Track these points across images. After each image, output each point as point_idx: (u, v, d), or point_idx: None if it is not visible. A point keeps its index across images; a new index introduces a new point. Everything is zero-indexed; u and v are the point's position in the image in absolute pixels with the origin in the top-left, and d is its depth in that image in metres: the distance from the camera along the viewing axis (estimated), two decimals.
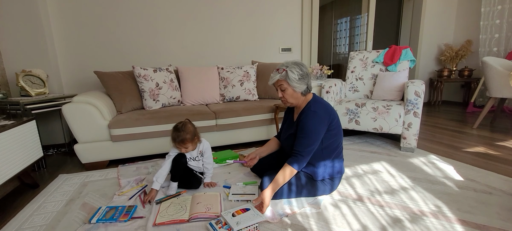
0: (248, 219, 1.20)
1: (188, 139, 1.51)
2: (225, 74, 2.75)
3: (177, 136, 1.50)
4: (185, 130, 1.51)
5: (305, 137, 1.36)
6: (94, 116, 1.98)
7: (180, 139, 1.49)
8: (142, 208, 1.42)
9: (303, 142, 1.36)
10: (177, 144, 1.52)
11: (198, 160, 1.60)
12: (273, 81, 1.41)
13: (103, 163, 2.09)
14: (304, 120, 1.38)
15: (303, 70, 1.38)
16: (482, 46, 3.80)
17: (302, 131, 1.37)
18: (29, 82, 2.24)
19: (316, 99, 1.46)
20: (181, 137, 1.49)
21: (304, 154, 1.36)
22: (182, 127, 1.52)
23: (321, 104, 1.42)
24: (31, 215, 1.40)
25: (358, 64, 2.80)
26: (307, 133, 1.35)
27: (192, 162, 1.60)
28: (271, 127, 2.51)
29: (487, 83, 2.76)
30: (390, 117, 2.15)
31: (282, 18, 3.44)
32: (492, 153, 2.10)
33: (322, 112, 1.38)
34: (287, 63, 1.39)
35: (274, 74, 1.40)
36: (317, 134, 1.36)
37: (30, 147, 1.73)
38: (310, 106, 1.41)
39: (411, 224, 1.21)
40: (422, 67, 4.40)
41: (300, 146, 1.37)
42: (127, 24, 2.82)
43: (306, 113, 1.39)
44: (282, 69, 1.37)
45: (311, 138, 1.35)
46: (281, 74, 1.37)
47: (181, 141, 1.50)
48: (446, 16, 4.32)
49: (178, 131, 1.50)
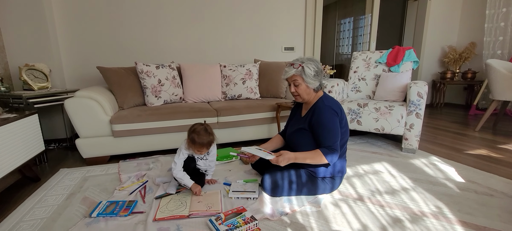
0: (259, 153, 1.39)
1: (211, 143, 1.48)
2: (227, 72, 2.75)
3: (204, 139, 1.43)
4: (212, 133, 1.48)
5: (330, 131, 1.36)
6: (96, 111, 1.98)
7: (207, 141, 1.44)
8: (143, 203, 1.43)
9: (331, 136, 1.36)
10: (198, 146, 1.44)
11: (205, 159, 1.59)
12: (288, 75, 1.41)
13: (104, 158, 2.09)
14: (322, 116, 1.37)
15: (318, 66, 1.39)
16: (486, 49, 3.78)
17: (325, 127, 1.36)
18: (32, 76, 2.25)
19: (326, 96, 1.47)
20: (209, 139, 1.45)
21: (336, 147, 1.37)
22: (210, 130, 1.47)
23: (333, 100, 1.44)
24: (32, 208, 1.41)
25: (361, 64, 2.79)
26: (331, 127, 1.36)
27: (200, 162, 1.57)
28: (273, 126, 2.51)
29: (490, 86, 2.74)
30: (392, 117, 2.15)
31: (286, 17, 3.43)
32: (494, 155, 2.09)
33: (335, 107, 1.40)
34: (302, 59, 1.39)
35: (289, 68, 1.40)
36: (337, 126, 1.38)
37: (32, 141, 1.74)
38: (323, 101, 1.42)
39: (412, 225, 1.21)
40: (425, 69, 4.38)
41: (329, 141, 1.36)
42: (131, 20, 2.83)
43: (322, 109, 1.39)
44: (298, 64, 1.37)
45: (335, 130, 1.37)
46: (297, 69, 1.37)
47: (208, 143, 1.46)
48: (451, 18, 4.29)
49: (208, 134, 1.45)
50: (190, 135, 1.44)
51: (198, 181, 1.53)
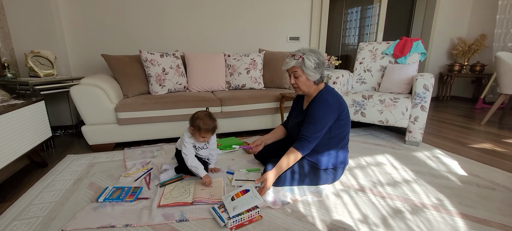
0: (245, 202, 1.21)
1: (216, 128, 1.50)
2: (231, 62, 2.73)
3: (210, 124, 1.45)
4: (215, 119, 1.50)
5: (313, 123, 1.36)
6: (101, 99, 2.00)
7: (212, 126, 1.46)
8: (148, 189, 1.46)
9: (311, 128, 1.36)
10: (203, 132, 1.45)
11: (206, 148, 1.61)
12: (288, 67, 1.39)
13: (109, 145, 2.13)
14: (315, 107, 1.37)
15: (319, 59, 1.37)
16: (496, 41, 3.68)
17: (311, 117, 1.37)
18: (38, 63, 2.27)
19: (328, 88, 1.45)
20: (214, 124, 1.47)
21: (310, 139, 1.36)
22: (213, 116, 1.49)
23: (333, 94, 1.42)
24: (41, 192, 1.45)
25: (367, 55, 2.75)
26: (316, 119, 1.35)
27: (201, 151, 1.59)
28: (276, 116, 2.51)
29: (499, 79, 2.69)
30: (396, 110, 2.13)
31: (292, 6, 3.37)
32: (498, 149, 2.07)
33: (333, 102, 1.38)
34: (303, 50, 1.36)
35: (289, 59, 1.39)
36: (325, 121, 1.36)
37: (39, 127, 1.78)
38: (322, 94, 1.40)
39: (412, 216, 1.22)
40: (433, 61, 4.29)
41: (307, 131, 1.37)
42: (135, 8, 2.81)
43: (318, 101, 1.39)
44: (299, 56, 1.35)
45: (319, 124, 1.35)
46: (297, 61, 1.35)
47: (213, 128, 1.47)
48: (462, 8, 4.17)
49: (213, 120, 1.48)
50: (195, 121, 1.45)
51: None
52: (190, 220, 1.18)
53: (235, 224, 1.14)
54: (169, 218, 1.19)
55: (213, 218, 1.20)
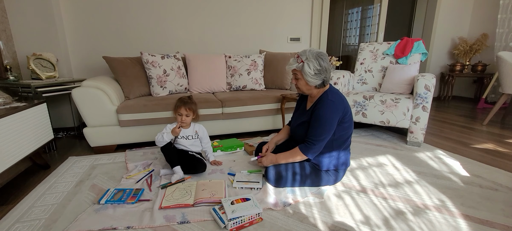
0: (244, 209, 1.21)
1: (194, 108, 1.66)
2: (232, 63, 2.74)
3: (187, 100, 1.66)
4: (190, 97, 1.70)
5: (320, 126, 1.36)
6: (103, 101, 2.01)
7: (183, 99, 1.65)
8: (149, 191, 1.46)
9: (318, 131, 1.37)
10: (181, 107, 1.62)
11: (195, 138, 1.66)
12: (290, 68, 1.41)
13: (111, 147, 2.13)
14: (321, 109, 1.37)
15: (321, 65, 1.34)
16: (498, 41, 3.67)
17: (317, 120, 1.37)
18: (40, 65, 2.29)
19: (332, 89, 1.45)
20: (185, 99, 1.66)
21: (318, 143, 1.37)
22: (191, 97, 1.71)
23: (338, 95, 1.42)
24: (43, 194, 1.46)
25: (368, 56, 2.75)
26: (323, 122, 1.35)
27: (185, 141, 1.67)
28: (277, 117, 2.51)
29: (500, 79, 2.68)
30: (398, 110, 2.13)
31: (292, 7, 3.37)
32: (500, 150, 2.06)
33: (339, 103, 1.38)
34: (307, 54, 1.35)
35: (293, 61, 1.40)
36: (332, 124, 1.37)
37: (42, 129, 1.78)
38: (328, 95, 1.40)
39: (414, 217, 1.21)
40: (434, 61, 4.28)
41: (314, 135, 1.37)
42: (136, 10, 2.82)
43: (323, 102, 1.38)
44: (301, 59, 1.36)
45: (326, 127, 1.36)
46: (298, 64, 1.37)
47: (184, 102, 1.64)
48: (463, 8, 4.16)
49: (189, 97, 1.69)
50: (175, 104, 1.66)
51: (194, 168, 1.62)
52: (191, 222, 1.18)
53: (236, 226, 1.14)
54: (171, 220, 1.20)
55: (214, 220, 1.20)
